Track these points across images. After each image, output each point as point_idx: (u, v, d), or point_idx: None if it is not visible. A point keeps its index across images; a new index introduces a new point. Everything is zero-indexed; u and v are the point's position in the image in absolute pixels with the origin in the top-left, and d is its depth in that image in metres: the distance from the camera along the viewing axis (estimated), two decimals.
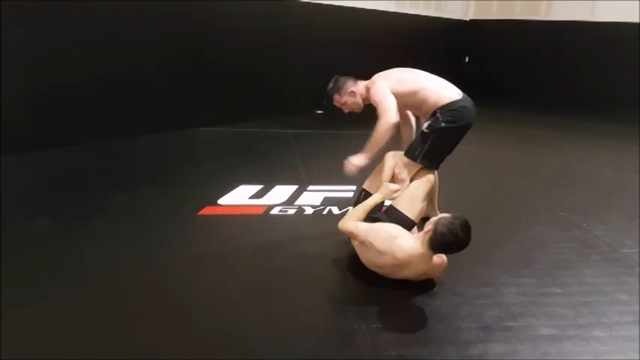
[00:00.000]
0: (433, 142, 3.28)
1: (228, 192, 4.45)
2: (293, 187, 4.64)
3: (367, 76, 3.54)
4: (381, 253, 2.78)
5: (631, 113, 10.00)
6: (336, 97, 3.54)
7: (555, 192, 4.91)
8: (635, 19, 10.82)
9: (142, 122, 6.48)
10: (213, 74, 7.15)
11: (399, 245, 2.73)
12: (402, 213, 3.20)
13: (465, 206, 4.41)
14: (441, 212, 3.43)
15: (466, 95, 3.39)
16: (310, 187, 4.68)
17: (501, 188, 5.02)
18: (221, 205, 4.17)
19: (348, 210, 4.12)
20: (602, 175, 5.60)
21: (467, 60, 13.21)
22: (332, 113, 4.35)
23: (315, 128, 7.69)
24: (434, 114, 3.28)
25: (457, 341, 2.39)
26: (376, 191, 3.25)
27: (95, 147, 5.75)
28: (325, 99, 3.67)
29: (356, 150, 3.44)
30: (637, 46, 10.88)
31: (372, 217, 3.16)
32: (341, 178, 3.78)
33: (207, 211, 4.01)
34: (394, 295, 2.80)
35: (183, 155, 5.90)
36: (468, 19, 13.04)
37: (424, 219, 3.20)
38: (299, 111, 8.62)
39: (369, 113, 3.50)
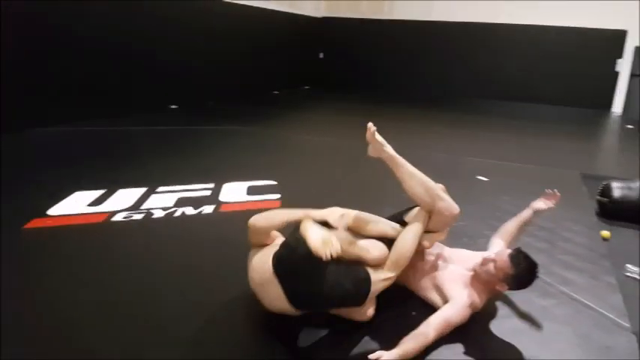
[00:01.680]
0: None
1: (61, 200, 3.89)
2: (140, 190, 4.21)
3: (216, 73, 3.28)
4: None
5: (466, 103, 10.96)
6: None
7: None
8: (465, 19, 11.87)
9: None
10: (51, 71, 6.36)
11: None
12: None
13: (323, 194, 4.44)
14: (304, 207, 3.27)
15: None
16: (160, 189, 4.28)
17: (357, 176, 5.07)
18: (52, 216, 3.62)
19: (203, 210, 3.86)
20: (438, 158, 5.90)
21: (321, 56, 13.47)
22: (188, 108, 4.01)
23: (168, 125, 7.20)
24: None
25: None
26: None
27: None
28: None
29: (211, 147, 3.15)
30: (468, 44, 12.00)
31: None
32: (196, 176, 3.47)
33: (34, 223, 3.45)
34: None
35: (8, 161, 5.09)
36: (320, 16, 13.29)
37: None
38: (150, 107, 8.03)
39: (228, 110, 3.25)
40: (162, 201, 4.00)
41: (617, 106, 11.16)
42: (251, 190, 4.36)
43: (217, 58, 9.50)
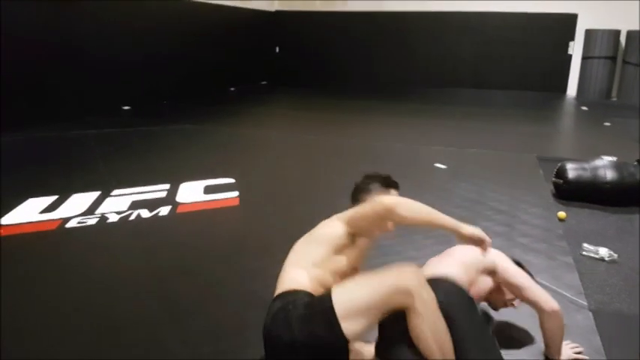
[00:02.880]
0: None
1: (13, 209, 3.74)
2: (94, 194, 4.08)
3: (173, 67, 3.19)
4: None
5: (423, 92, 11.08)
6: None
7: (362, 168, 5.04)
8: (419, 9, 11.97)
9: None
10: None
11: None
12: None
13: (280, 188, 4.41)
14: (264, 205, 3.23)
15: None
16: (115, 192, 4.16)
17: (315, 171, 5.03)
18: (3, 225, 3.47)
19: (159, 212, 3.76)
20: (396, 148, 5.93)
21: (277, 50, 13.37)
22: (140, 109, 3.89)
23: (120, 127, 7.00)
24: None
25: None
26: None
27: None
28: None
29: (167, 147, 3.07)
30: (422, 33, 12.10)
31: None
32: (151, 177, 3.37)
33: None
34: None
35: None
36: (273, 9, 13.17)
37: None
38: (103, 110, 7.77)
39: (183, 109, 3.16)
40: (117, 204, 3.89)
41: (572, 88, 11.43)
42: (208, 189, 4.28)
43: (171, 56, 9.31)
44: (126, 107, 8.18)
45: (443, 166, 5.10)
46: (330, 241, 1.92)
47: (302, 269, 1.88)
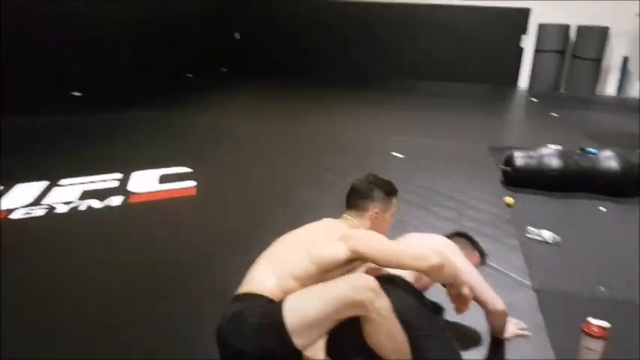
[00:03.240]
0: None
1: None
2: (41, 184, 3.95)
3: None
4: None
5: (381, 83, 11.20)
6: None
7: (324, 159, 5.09)
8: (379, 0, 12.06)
9: None
10: None
11: None
12: None
13: (238, 178, 4.38)
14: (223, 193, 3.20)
15: None
16: (63, 182, 4.04)
17: (274, 161, 5.02)
18: None
19: (110, 202, 3.68)
20: (356, 138, 5.99)
21: (238, 36, 13.17)
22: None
23: (70, 113, 6.74)
24: None
25: None
26: None
27: None
28: None
29: (119, 135, 3.00)
30: (381, 25, 12.21)
31: None
32: (103, 166, 3.29)
33: None
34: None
35: None
36: None
37: None
38: (52, 96, 7.46)
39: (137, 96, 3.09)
40: (66, 194, 3.78)
41: (523, 81, 11.76)
42: (163, 179, 4.21)
43: (125, 41, 9.03)
44: (76, 93, 7.91)
45: (400, 155, 5.18)
46: (326, 264, 1.79)
47: (276, 276, 1.77)
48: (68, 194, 3.79)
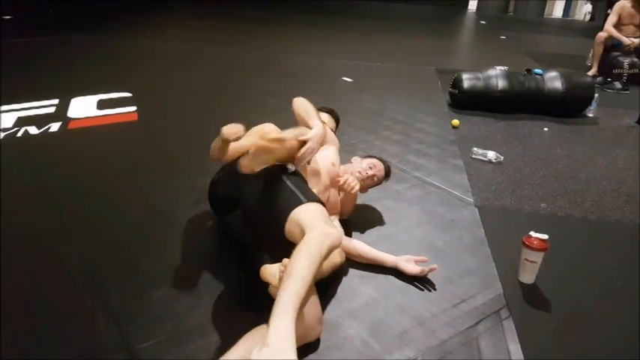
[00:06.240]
0: None
1: None
2: None
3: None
4: None
5: (331, 5, 10.86)
6: None
7: (265, 81, 4.97)
8: None
9: None
10: None
11: None
12: None
13: (181, 102, 4.23)
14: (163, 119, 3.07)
15: None
16: None
17: (216, 83, 4.87)
18: None
19: (49, 128, 3.50)
20: (306, 61, 5.88)
21: None
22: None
23: (1, 37, 6.26)
24: None
25: None
26: None
27: None
28: None
29: (53, 59, 2.79)
30: None
31: None
32: (38, 92, 3.08)
33: None
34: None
35: None
36: None
37: None
38: None
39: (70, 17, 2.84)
40: (2, 121, 3.56)
41: (472, 3, 11.70)
42: (102, 104, 4.03)
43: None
44: (6, 17, 7.31)
45: (349, 80, 5.13)
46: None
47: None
48: (4, 121, 3.56)
